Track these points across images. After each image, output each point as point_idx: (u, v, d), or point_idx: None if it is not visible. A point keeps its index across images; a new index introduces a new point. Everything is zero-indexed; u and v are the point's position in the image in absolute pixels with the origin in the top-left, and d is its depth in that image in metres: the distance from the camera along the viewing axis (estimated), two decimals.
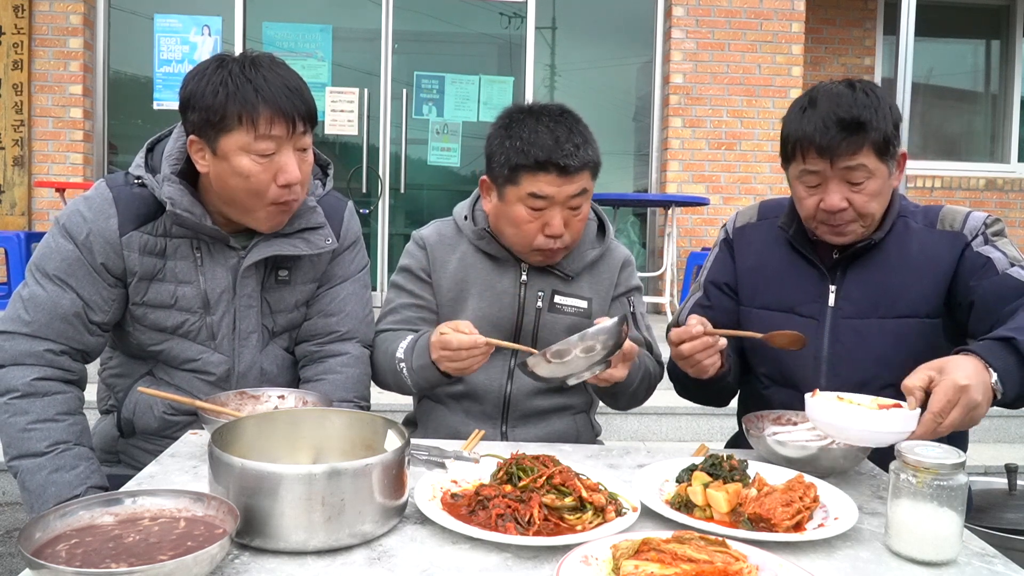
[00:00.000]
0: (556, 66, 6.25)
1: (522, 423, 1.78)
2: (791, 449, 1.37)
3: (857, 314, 1.61)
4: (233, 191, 1.50)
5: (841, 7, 6.89)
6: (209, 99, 1.45)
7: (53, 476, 1.45)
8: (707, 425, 3.88)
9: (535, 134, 1.60)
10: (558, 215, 1.62)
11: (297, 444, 1.21)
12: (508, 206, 1.66)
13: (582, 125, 1.66)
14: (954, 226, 1.60)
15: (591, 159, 1.63)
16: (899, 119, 1.53)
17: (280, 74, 1.48)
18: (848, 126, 1.47)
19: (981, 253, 1.56)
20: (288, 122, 1.46)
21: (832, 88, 1.54)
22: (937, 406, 1.19)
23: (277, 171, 1.48)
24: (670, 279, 5.44)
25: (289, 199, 1.53)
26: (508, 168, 1.63)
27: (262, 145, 1.46)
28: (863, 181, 1.51)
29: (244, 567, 0.98)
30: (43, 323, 1.50)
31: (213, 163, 1.49)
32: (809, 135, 1.50)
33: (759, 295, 1.72)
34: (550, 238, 1.64)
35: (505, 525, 1.07)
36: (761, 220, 1.79)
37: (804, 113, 1.53)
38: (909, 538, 1.07)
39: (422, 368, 1.59)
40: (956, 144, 7.24)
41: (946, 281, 1.57)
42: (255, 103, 1.44)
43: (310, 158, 1.57)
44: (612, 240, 1.86)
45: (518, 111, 1.67)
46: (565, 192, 1.61)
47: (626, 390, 1.70)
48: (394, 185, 5.86)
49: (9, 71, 5.47)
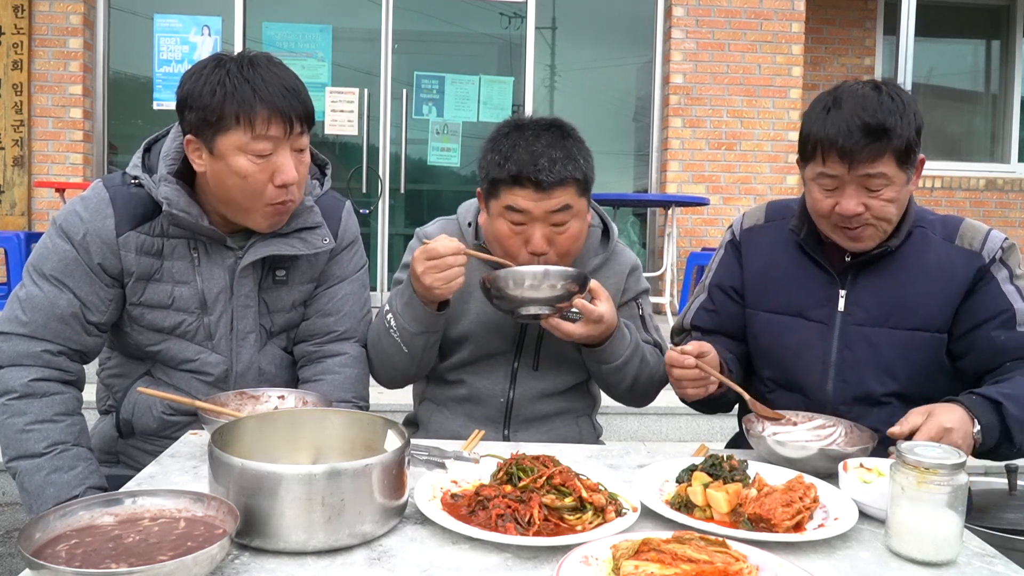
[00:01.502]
0: (556, 66, 6.25)
1: (524, 427, 1.78)
2: (791, 449, 1.37)
3: (868, 321, 1.58)
4: (230, 191, 1.50)
5: (841, 7, 6.89)
6: (206, 99, 1.44)
7: (52, 476, 1.45)
8: (707, 425, 3.88)
9: (514, 148, 1.59)
10: (539, 231, 1.60)
11: (297, 444, 1.21)
12: (492, 220, 1.66)
13: (571, 140, 1.63)
14: (973, 245, 1.56)
15: (571, 175, 1.58)
16: (922, 124, 1.48)
17: (278, 74, 1.48)
18: (872, 132, 1.42)
19: (1005, 295, 1.53)
20: (285, 122, 1.46)
21: (857, 89, 1.48)
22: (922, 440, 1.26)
23: (274, 171, 1.48)
24: (670, 279, 5.44)
25: (286, 199, 1.52)
26: (488, 182, 1.63)
27: (259, 145, 1.46)
28: (881, 188, 1.47)
29: (244, 567, 0.98)
30: (40, 324, 1.50)
31: (210, 163, 1.49)
32: (831, 137, 1.45)
33: (767, 298, 1.69)
34: (533, 255, 1.61)
35: (505, 525, 1.07)
36: (769, 222, 1.75)
37: (828, 114, 1.47)
38: (909, 538, 1.07)
39: (407, 306, 1.60)
40: (956, 144, 7.24)
41: (959, 299, 1.55)
42: (252, 103, 1.43)
43: (307, 158, 1.57)
44: (617, 245, 1.84)
45: (506, 125, 1.67)
46: (543, 207, 1.58)
47: (613, 362, 1.67)
48: (394, 185, 5.86)
49: (9, 71, 5.47)
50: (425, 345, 1.66)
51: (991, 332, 1.52)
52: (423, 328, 1.63)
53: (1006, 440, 1.39)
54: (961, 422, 1.32)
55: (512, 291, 1.53)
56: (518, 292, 1.53)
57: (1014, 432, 1.37)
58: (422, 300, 1.59)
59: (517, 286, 1.52)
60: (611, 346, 1.65)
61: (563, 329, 1.59)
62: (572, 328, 1.59)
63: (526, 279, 1.52)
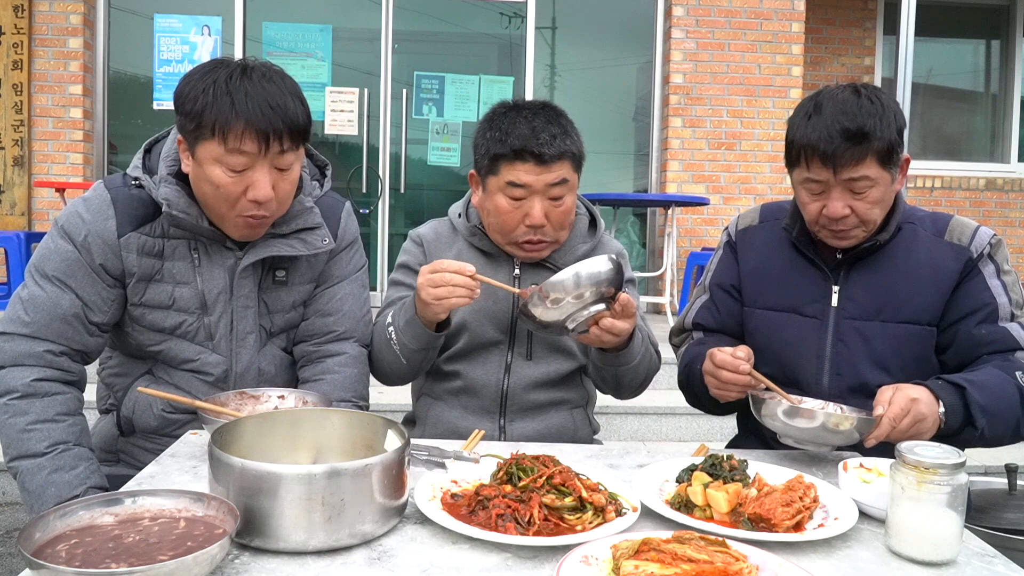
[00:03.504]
0: (556, 66, 6.25)
1: (520, 417, 1.79)
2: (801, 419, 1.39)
3: (860, 315, 1.62)
4: (206, 196, 1.50)
5: (841, 7, 6.89)
6: (189, 105, 1.44)
7: (53, 476, 1.45)
8: (707, 425, 3.88)
9: (513, 125, 1.65)
10: (538, 205, 1.65)
11: (297, 444, 1.21)
12: (490, 197, 1.69)
13: (564, 119, 1.70)
14: (962, 240, 1.61)
15: (568, 149, 1.65)
16: (903, 124, 1.53)
17: (266, 89, 1.44)
18: (852, 136, 1.47)
19: (990, 289, 1.58)
20: (261, 139, 1.43)
21: (837, 94, 1.53)
22: (893, 412, 1.35)
23: (248, 186, 1.46)
24: (670, 279, 5.44)
25: (257, 214, 1.50)
26: (488, 158, 1.67)
27: (232, 159, 1.44)
28: (866, 190, 1.52)
29: (244, 567, 0.98)
30: (42, 324, 1.50)
31: (192, 166, 1.49)
32: (813, 143, 1.50)
33: (762, 296, 1.73)
34: (531, 228, 1.67)
35: (505, 525, 1.07)
36: (763, 222, 1.80)
37: (809, 120, 1.52)
38: (909, 538, 1.07)
39: (408, 324, 1.61)
40: (956, 144, 7.24)
41: (948, 293, 1.59)
42: (228, 116, 1.41)
43: (293, 176, 1.53)
44: (603, 234, 1.88)
45: (501, 106, 1.73)
46: (543, 180, 1.64)
47: (630, 361, 1.66)
48: (394, 185, 5.86)
49: (9, 71, 5.47)
50: (424, 359, 1.70)
51: (973, 326, 1.56)
52: (423, 346, 1.65)
53: (969, 424, 1.43)
54: (928, 398, 1.38)
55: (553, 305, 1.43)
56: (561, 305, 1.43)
57: (975, 416, 1.42)
58: (422, 319, 1.60)
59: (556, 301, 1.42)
60: (632, 345, 1.64)
61: (618, 327, 1.51)
62: (624, 324, 1.52)
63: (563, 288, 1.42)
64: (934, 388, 1.41)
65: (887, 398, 1.36)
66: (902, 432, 1.35)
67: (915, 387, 1.39)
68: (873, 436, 1.36)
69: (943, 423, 1.40)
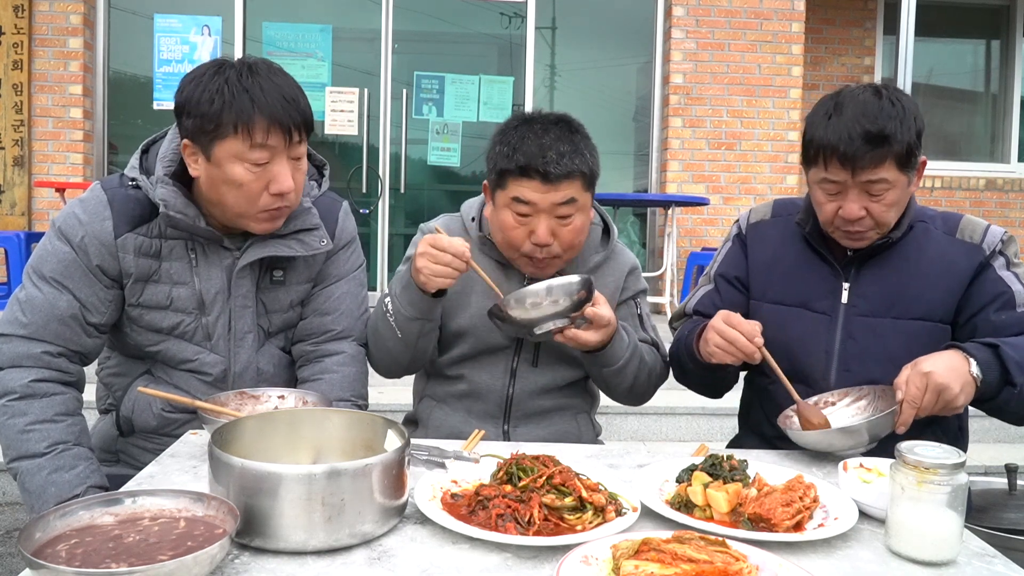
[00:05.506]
0: (556, 66, 6.25)
1: (524, 423, 1.78)
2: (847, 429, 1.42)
3: (871, 312, 1.62)
4: (224, 197, 1.50)
5: (841, 7, 6.89)
6: (205, 106, 1.44)
7: (53, 476, 1.45)
8: (707, 425, 3.87)
9: (523, 140, 1.61)
10: (544, 223, 1.61)
11: (297, 444, 1.21)
12: (498, 211, 1.67)
13: (578, 136, 1.64)
14: (974, 238, 1.62)
15: (578, 168, 1.60)
16: (922, 127, 1.52)
17: (277, 83, 1.47)
18: (873, 139, 1.46)
19: (1002, 279, 1.58)
20: (284, 132, 1.46)
21: (859, 95, 1.52)
22: (909, 395, 1.36)
23: (270, 180, 1.48)
24: (670, 279, 5.44)
25: (281, 206, 1.53)
26: (496, 173, 1.65)
27: (256, 155, 1.45)
28: (883, 193, 1.51)
29: (244, 567, 0.98)
30: (40, 325, 1.50)
31: (206, 168, 1.49)
32: (833, 144, 1.49)
33: (771, 290, 1.73)
34: (537, 246, 1.63)
35: (505, 525, 1.07)
36: (775, 217, 1.80)
37: (830, 120, 1.51)
38: (909, 538, 1.07)
39: (404, 289, 1.60)
40: (956, 144, 7.24)
41: (961, 290, 1.59)
42: (251, 113, 1.43)
43: (304, 166, 1.57)
44: (617, 244, 1.86)
45: (515, 118, 1.69)
46: (549, 199, 1.59)
47: (611, 363, 1.67)
48: (394, 185, 5.86)
49: (9, 71, 5.47)
50: (420, 332, 1.64)
51: (991, 315, 1.57)
52: (418, 314, 1.61)
53: (1007, 383, 1.41)
54: (947, 361, 1.37)
55: (525, 310, 1.53)
56: (531, 311, 1.53)
57: (1013, 373, 1.41)
58: (417, 284, 1.59)
59: (531, 305, 1.52)
60: (612, 349, 1.65)
61: (581, 339, 1.59)
62: (589, 336, 1.59)
63: (536, 297, 1.52)
64: (966, 348, 1.41)
65: (903, 379, 1.38)
66: (928, 408, 1.36)
67: (932, 357, 1.39)
68: (901, 423, 1.37)
69: (979, 382, 1.38)
